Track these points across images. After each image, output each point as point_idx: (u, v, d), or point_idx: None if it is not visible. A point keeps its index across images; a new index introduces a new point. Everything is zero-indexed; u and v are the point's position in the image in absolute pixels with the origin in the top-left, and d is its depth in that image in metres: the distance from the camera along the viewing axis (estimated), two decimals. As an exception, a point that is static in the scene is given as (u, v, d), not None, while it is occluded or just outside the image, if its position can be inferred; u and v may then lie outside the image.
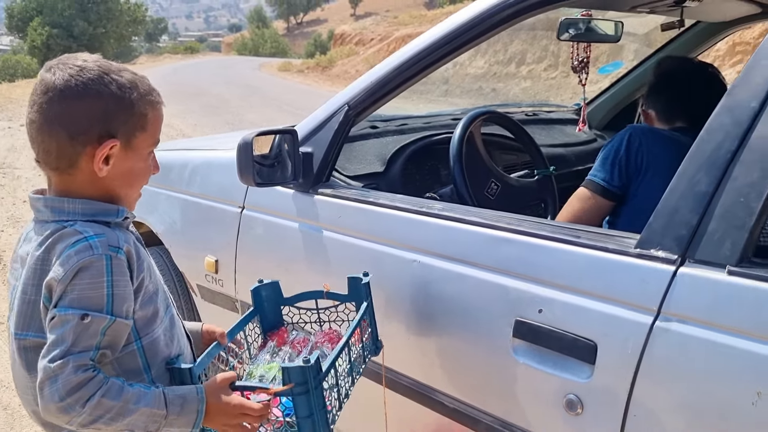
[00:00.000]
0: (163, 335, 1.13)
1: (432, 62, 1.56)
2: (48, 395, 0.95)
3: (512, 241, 1.29)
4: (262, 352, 1.35)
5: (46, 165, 1.07)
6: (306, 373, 1.06)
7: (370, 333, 1.38)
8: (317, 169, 1.67)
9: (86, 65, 1.05)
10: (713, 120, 1.08)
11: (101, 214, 1.08)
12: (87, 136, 1.04)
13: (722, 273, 1.01)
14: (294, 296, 1.42)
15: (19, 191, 6.46)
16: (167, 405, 1.01)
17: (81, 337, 0.97)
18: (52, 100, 1.03)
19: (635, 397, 1.08)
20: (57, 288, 0.99)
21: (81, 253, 0.99)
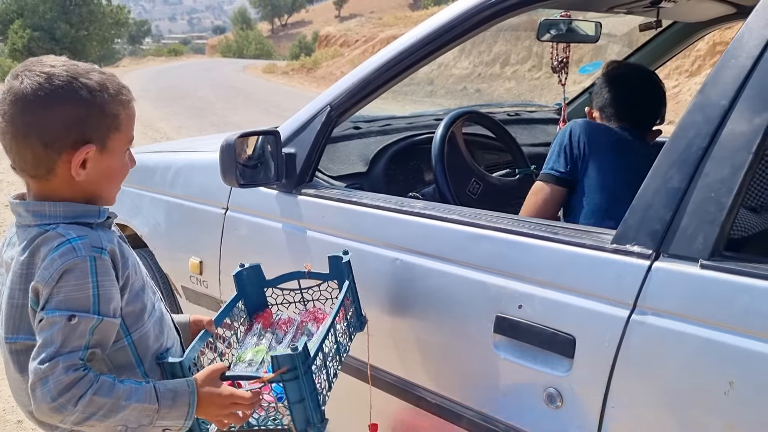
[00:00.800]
0: (152, 329, 1.15)
1: (413, 62, 1.58)
2: (40, 396, 0.96)
3: (492, 238, 1.31)
4: (249, 335, 1.37)
5: (23, 172, 1.08)
6: (295, 359, 1.09)
7: (354, 310, 1.41)
8: (300, 169, 1.69)
9: (54, 71, 1.04)
10: (685, 117, 1.11)
11: (83, 215, 1.08)
12: (61, 143, 1.04)
13: (695, 267, 1.04)
14: (276, 278, 1.44)
15: (1, 195, 6.41)
16: (159, 399, 1.02)
17: (69, 338, 0.98)
18: (23, 110, 1.02)
19: (613, 389, 1.10)
20: (43, 291, 1.00)
21: (65, 255, 1.00)
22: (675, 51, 2.61)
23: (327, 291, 1.46)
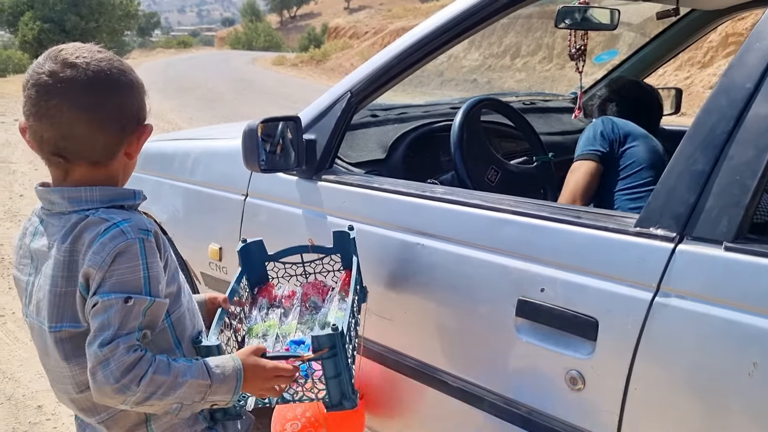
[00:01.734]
0: (186, 310, 1.16)
1: (434, 49, 1.59)
2: (102, 379, 0.97)
3: (514, 222, 1.32)
4: (254, 308, 1.40)
5: (82, 159, 1.06)
6: (335, 338, 1.13)
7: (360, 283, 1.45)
8: (320, 155, 1.70)
9: (108, 55, 1.07)
10: (710, 101, 1.11)
11: (119, 198, 1.09)
12: (133, 125, 1.08)
13: (719, 249, 1.04)
14: (279, 252, 1.47)
15: (16, 185, 6.45)
16: (210, 375, 1.04)
17: (126, 320, 0.99)
18: (101, 95, 1.03)
19: (636, 371, 1.11)
20: (96, 275, 1.00)
21: (115, 239, 1.01)
22: (690, 41, 2.60)
23: (329, 265, 1.49)
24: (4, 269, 4.20)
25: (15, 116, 11.05)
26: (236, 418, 1.21)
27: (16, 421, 2.54)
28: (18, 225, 5.13)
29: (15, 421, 2.54)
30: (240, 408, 1.19)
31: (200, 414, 1.17)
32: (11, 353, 3.09)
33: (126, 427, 1.12)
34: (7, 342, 3.21)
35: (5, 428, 2.49)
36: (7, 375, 2.88)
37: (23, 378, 2.85)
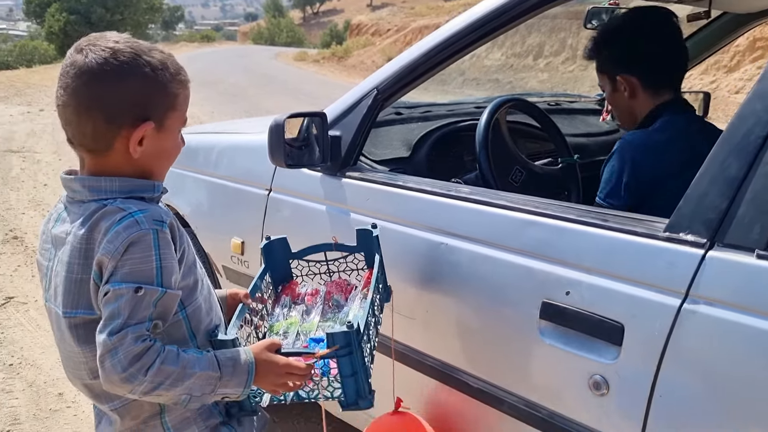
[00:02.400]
0: (203, 304, 1.17)
1: (460, 48, 1.58)
2: (110, 367, 0.98)
3: (540, 224, 1.31)
4: (277, 306, 1.40)
5: (81, 146, 1.08)
6: (350, 336, 1.12)
7: (383, 283, 1.43)
8: (345, 152, 1.70)
9: (118, 47, 1.05)
10: (745, 106, 1.10)
11: (138, 190, 1.10)
12: (123, 119, 1.06)
13: (751, 257, 1.02)
14: (302, 250, 1.47)
15: (40, 175, 6.54)
16: (220, 367, 1.04)
17: (136, 310, 1.00)
18: (87, 83, 1.03)
19: (661, 377, 1.10)
20: (108, 264, 1.01)
21: (129, 228, 1.01)
22: (719, 45, 2.56)
23: (353, 263, 1.48)
24: (28, 257, 4.26)
25: (40, 106, 11.21)
26: (251, 413, 1.21)
27: (37, 408, 2.57)
28: (42, 214, 5.21)
29: (36, 407, 2.58)
30: (255, 404, 1.19)
31: (215, 408, 1.17)
32: (33, 340, 3.13)
33: (139, 417, 1.13)
34: (29, 329, 3.26)
35: (26, 414, 2.52)
36: (29, 361, 2.93)
37: (45, 365, 2.89)
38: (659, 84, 1.74)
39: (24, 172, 6.64)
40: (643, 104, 1.75)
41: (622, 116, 1.86)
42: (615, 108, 1.85)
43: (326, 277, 1.50)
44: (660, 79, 1.74)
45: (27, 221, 5.04)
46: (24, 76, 16.75)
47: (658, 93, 1.74)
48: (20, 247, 4.46)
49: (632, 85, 1.73)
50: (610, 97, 1.83)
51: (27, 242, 4.56)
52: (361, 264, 1.48)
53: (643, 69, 1.73)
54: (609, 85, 1.80)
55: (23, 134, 8.69)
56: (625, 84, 1.74)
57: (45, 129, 9.07)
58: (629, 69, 1.73)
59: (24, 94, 13.03)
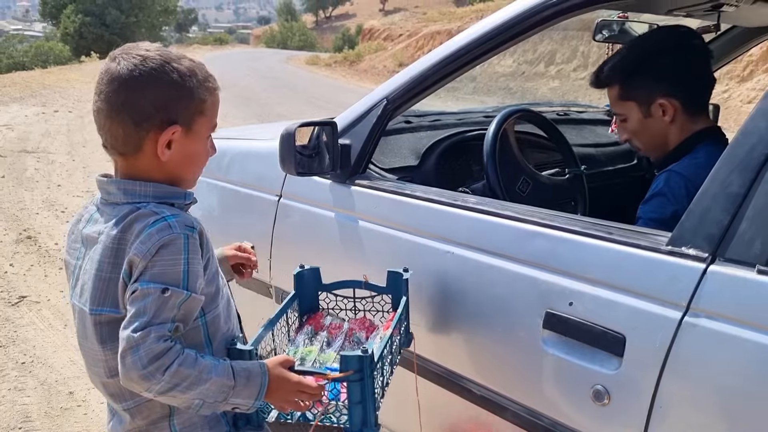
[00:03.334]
0: (222, 312, 1.20)
1: (471, 60, 1.60)
2: (130, 363, 1.00)
3: (545, 235, 1.32)
4: (300, 334, 1.41)
5: (113, 150, 1.14)
6: (363, 362, 1.12)
7: (405, 326, 1.43)
8: (355, 160, 1.72)
9: (149, 55, 1.11)
10: (748, 123, 1.11)
11: (169, 196, 1.15)
12: (150, 122, 1.11)
13: (752, 272, 1.04)
14: (333, 283, 1.47)
15: (54, 176, 6.62)
16: (235, 377, 1.07)
17: (161, 310, 1.03)
18: (118, 89, 1.09)
19: (662, 389, 1.12)
20: (139, 264, 1.04)
21: (162, 231, 1.05)
22: (730, 57, 2.56)
23: (379, 304, 1.48)
24: (41, 257, 4.31)
25: (55, 107, 11.32)
26: (257, 428, 1.22)
27: (48, 406, 2.61)
28: (55, 215, 5.27)
29: (47, 405, 2.62)
30: (262, 419, 1.20)
31: (224, 417, 1.19)
32: (45, 339, 3.18)
33: (149, 418, 1.16)
34: (41, 328, 3.30)
35: (38, 412, 2.56)
36: (41, 360, 2.97)
37: (56, 364, 2.94)
38: (699, 108, 1.68)
39: (38, 173, 6.72)
40: (679, 131, 1.67)
41: (649, 143, 1.73)
42: (643, 135, 1.72)
43: (351, 314, 1.50)
44: (701, 102, 1.69)
45: (41, 221, 5.10)
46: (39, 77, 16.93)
47: (695, 119, 1.67)
48: (33, 247, 4.52)
49: (675, 108, 1.64)
50: (638, 124, 1.70)
51: (40, 242, 4.62)
52: (387, 306, 1.48)
53: (688, 90, 1.65)
54: (638, 112, 1.68)
55: (38, 135, 8.79)
56: (667, 107, 1.64)
57: (59, 130, 9.17)
58: (672, 91, 1.63)
59: (39, 95, 13.18)
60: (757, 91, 10.64)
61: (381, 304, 1.48)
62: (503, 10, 1.56)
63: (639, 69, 1.68)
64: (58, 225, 4.98)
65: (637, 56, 1.70)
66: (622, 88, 1.71)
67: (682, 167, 1.60)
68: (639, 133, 1.73)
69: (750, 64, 11.11)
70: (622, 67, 1.70)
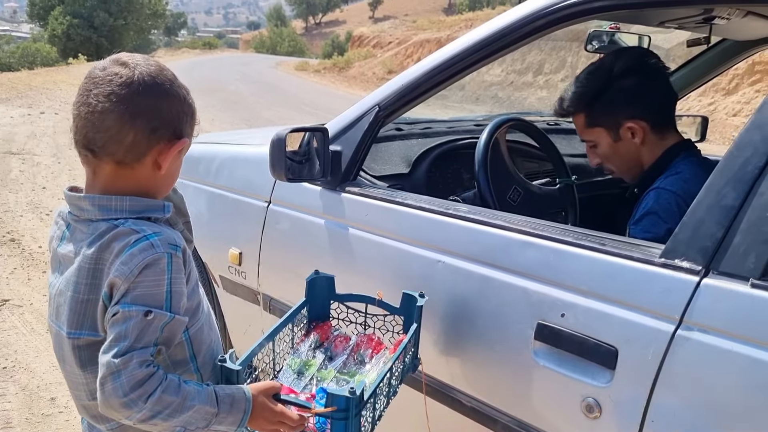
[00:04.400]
0: (204, 324, 1.17)
1: (462, 69, 1.60)
2: (111, 390, 0.96)
3: (537, 245, 1.32)
4: (304, 343, 1.37)
5: (108, 156, 1.06)
6: (349, 402, 1.08)
7: (412, 352, 1.38)
8: (345, 167, 1.71)
9: (163, 66, 1.09)
10: (742, 136, 1.11)
11: (148, 210, 1.09)
12: (165, 131, 1.07)
13: (745, 285, 1.04)
14: (346, 294, 1.43)
15: (39, 178, 6.54)
16: (218, 403, 1.03)
17: (143, 333, 0.99)
18: (138, 93, 1.03)
19: (654, 403, 1.11)
20: (121, 286, 1.00)
21: (145, 251, 1.01)
22: (719, 70, 2.58)
23: (390, 323, 1.43)
24: (24, 260, 4.25)
25: (41, 109, 11.22)
26: None
27: (29, 412, 2.56)
28: (40, 217, 5.21)
29: (28, 411, 2.57)
30: None
31: None
32: (27, 344, 3.13)
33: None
34: (24, 332, 3.25)
35: (18, 419, 2.51)
36: (23, 365, 2.92)
37: (38, 369, 2.89)
38: (667, 124, 1.71)
39: (23, 175, 6.64)
40: (651, 150, 1.70)
41: (622, 166, 1.76)
42: (615, 159, 1.74)
43: (361, 328, 1.46)
44: (667, 118, 1.72)
45: (25, 224, 5.04)
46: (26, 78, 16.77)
47: (665, 135, 1.70)
48: (17, 250, 4.46)
49: (643, 130, 1.67)
50: (609, 149, 1.73)
51: (24, 245, 4.56)
52: (398, 328, 1.43)
53: (653, 110, 1.68)
54: (608, 137, 1.71)
55: (23, 136, 8.69)
56: (636, 130, 1.67)
57: (45, 132, 9.08)
58: (638, 113, 1.66)
59: (25, 96, 13.05)
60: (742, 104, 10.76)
61: (392, 324, 1.43)
62: (495, 19, 1.56)
63: (602, 95, 1.69)
64: (42, 227, 4.92)
65: (598, 83, 1.71)
66: (587, 116, 1.73)
67: (669, 184, 1.61)
68: (611, 157, 1.75)
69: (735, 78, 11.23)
70: (585, 95, 1.72)
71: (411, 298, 1.38)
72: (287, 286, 1.88)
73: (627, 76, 1.68)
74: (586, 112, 1.73)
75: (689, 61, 2.60)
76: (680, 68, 2.66)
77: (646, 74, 1.70)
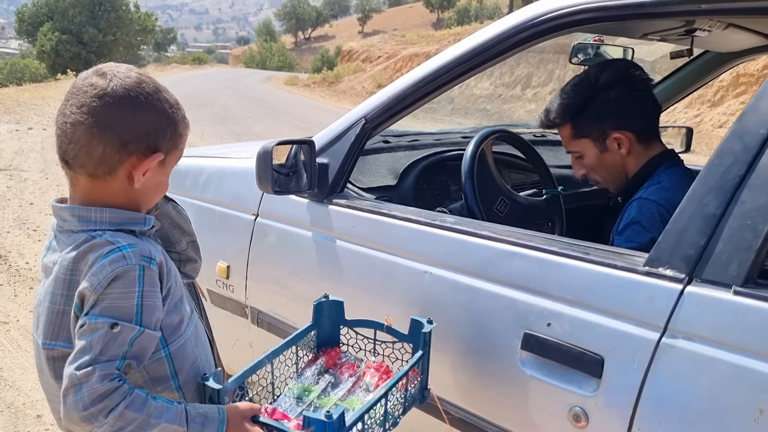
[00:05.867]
0: (189, 341, 1.15)
1: (448, 81, 1.60)
2: (71, 403, 0.94)
3: (523, 255, 1.32)
4: (310, 369, 1.34)
5: (80, 168, 1.06)
6: (326, 427, 1.05)
7: (419, 381, 1.34)
8: (332, 179, 1.71)
9: (143, 79, 1.07)
10: (723, 145, 1.12)
11: (128, 223, 1.09)
12: (137, 146, 1.06)
13: (728, 293, 1.04)
14: (354, 320, 1.41)
15: (26, 194, 6.50)
16: (188, 422, 1.01)
17: (109, 346, 0.97)
18: (109, 105, 1.03)
19: (640, 411, 1.11)
20: (90, 297, 0.99)
21: (115, 263, 1.00)
22: (703, 81, 2.61)
23: (399, 351, 1.39)
24: (11, 276, 4.22)
25: (29, 125, 11.17)
26: None
27: (15, 430, 2.53)
28: (27, 233, 5.17)
29: (14, 429, 2.54)
30: None
31: None
32: (13, 361, 3.10)
33: None
34: (9, 349, 3.22)
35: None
36: (9, 383, 2.89)
37: (24, 386, 2.86)
38: (651, 134, 1.73)
39: (10, 191, 6.60)
40: (636, 160, 1.71)
41: (608, 176, 1.77)
42: (601, 169, 1.76)
43: (371, 355, 1.43)
44: (651, 129, 1.74)
45: (11, 240, 5.00)
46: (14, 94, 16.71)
47: (649, 145, 1.72)
48: (4, 266, 4.42)
49: (629, 140, 1.69)
50: (595, 160, 1.74)
51: (11, 261, 4.52)
52: (406, 355, 1.39)
53: (638, 121, 1.70)
54: (594, 148, 1.72)
55: (11, 152, 8.65)
56: (622, 140, 1.68)
57: (33, 147, 9.04)
58: (624, 124, 1.68)
59: (13, 112, 13.00)
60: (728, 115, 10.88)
61: (401, 351, 1.39)
62: (481, 31, 1.58)
63: (587, 107, 1.71)
64: (29, 244, 4.89)
65: (584, 94, 1.73)
66: (573, 127, 1.75)
67: (650, 193, 1.62)
68: (597, 168, 1.77)
69: (721, 90, 11.36)
70: (571, 107, 1.73)
71: (418, 325, 1.34)
72: (275, 299, 1.88)
73: (612, 87, 1.70)
74: (572, 124, 1.75)
75: (673, 73, 2.63)
76: (664, 80, 2.69)
77: (631, 85, 1.73)
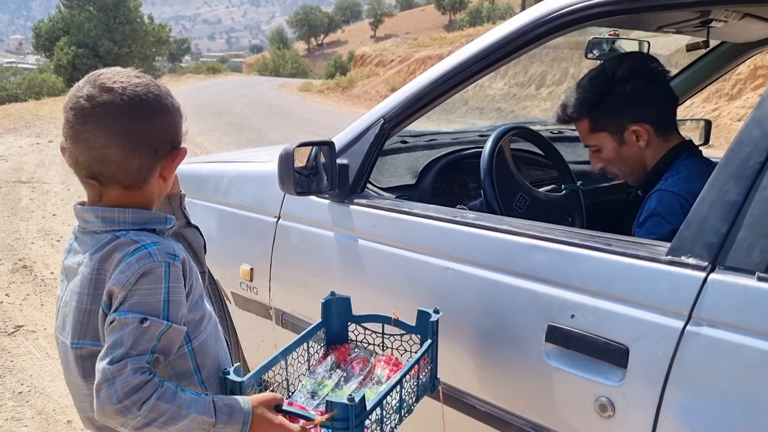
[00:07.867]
0: (209, 337, 1.18)
1: (466, 78, 1.62)
2: (105, 397, 0.96)
3: (545, 248, 1.33)
4: (321, 365, 1.36)
5: (116, 183, 1.09)
6: (348, 410, 1.07)
7: (429, 370, 1.36)
8: (353, 179, 1.73)
9: (144, 81, 1.09)
10: (743, 132, 1.13)
11: (150, 222, 1.12)
12: (165, 148, 1.10)
13: (752, 279, 1.05)
14: (362, 315, 1.43)
15: (48, 205, 6.60)
16: (216, 413, 1.03)
17: (139, 341, 0.99)
18: (133, 121, 1.05)
19: (666, 399, 1.12)
20: (119, 294, 1.01)
21: (142, 260, 1.03)
22: (719, 73, 2.60)
23: (407, 343, 1.42)
24: (37, 286, 4.29)
25: (49, 138, 11.34)
26: None
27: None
28: (51, 243, 5.25)
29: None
30: None
31: None
32: (42, 368, 3.15)
33: None
34: (38, 357, 3.27)
35: (36, 442, 2.53)
36: (39, 389, 2.94)
37: (54, 393, 2.90)
38: (669, 126, 1.74)
39: (33, 203, 6.70)
40: (655, 152, 1.72)
41: (626, 169, 1.78)
42: (620, 162, 1.77)
43: (380, 350, 1.45)
44: (669, 120, 1.74)
45: (36, 251, 5.08)
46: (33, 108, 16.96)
47: (667, 137, 1.73)
48: (29, 276, 4.50)
49: (647, 132, 1.69)
50: (613, 153, 1.75)
51: (36, 271, 4.60)
52: (415, 347, 1.41)
53: (656, 113, 1.70)
54: (612, 141, 1.73)
55: (32, 165, 8.79)
56: (640, 133, 1.69)
57: (54, 160, 9.17)
58: (641, 116, 1.69)
59: (33, 125, 13.20)
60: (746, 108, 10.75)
61: (409, 344, 1.41)
62: (497, 28, 1.59)
63: (605, 100, 1.72)
64: (53, 254, 4.96)
65: (601, 88, 1.73)
66: (591, 121, 1.76)
67: (669, 185, 1.63)
68: (615, 161, 1.78)
69: (738, 83, 11.24)
70: (588, 101, 1.74)
71: (425, 315, 1.36)
72: (299, 300, 1.90)
73: (629, 79, 1.71)
74: (589, 118, 1.76)
75: (690, 65, 2.62)
76: (681, 72, 2.68)
77: (648, 77, 1.73)
